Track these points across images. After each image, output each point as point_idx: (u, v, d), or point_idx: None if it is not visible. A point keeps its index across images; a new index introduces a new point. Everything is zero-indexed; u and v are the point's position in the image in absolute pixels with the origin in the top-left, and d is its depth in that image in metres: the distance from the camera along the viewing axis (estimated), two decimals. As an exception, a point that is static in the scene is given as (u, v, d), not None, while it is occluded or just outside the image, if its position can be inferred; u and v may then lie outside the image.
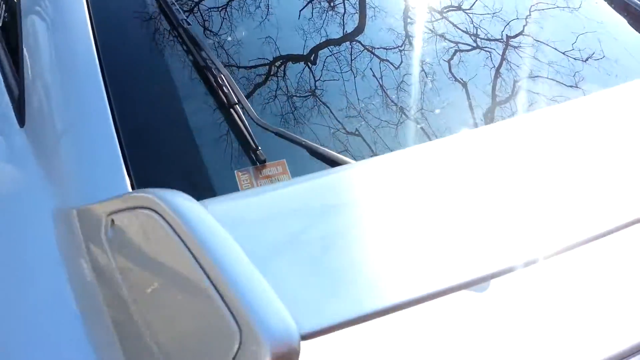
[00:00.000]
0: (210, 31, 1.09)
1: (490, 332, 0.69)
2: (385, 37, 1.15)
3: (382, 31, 1.16)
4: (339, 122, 0.99)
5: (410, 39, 1.15)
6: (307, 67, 1.09)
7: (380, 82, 1.06)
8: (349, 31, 1.16)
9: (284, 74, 1.06)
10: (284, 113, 0.99)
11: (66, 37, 1.00)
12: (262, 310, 0.46)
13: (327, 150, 0.88)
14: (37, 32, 1.04)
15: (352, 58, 1.10)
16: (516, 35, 1.17)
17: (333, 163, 0.85)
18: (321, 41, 1.13)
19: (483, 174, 0.74)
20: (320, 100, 1.03)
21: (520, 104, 1.07)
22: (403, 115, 1.02)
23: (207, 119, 0.94)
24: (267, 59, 1.08)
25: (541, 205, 0.68)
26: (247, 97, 0.96)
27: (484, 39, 1.17)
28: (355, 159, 0.89)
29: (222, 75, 0.94)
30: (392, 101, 1.04)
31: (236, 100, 0.91)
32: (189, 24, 1.01)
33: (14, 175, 0.91)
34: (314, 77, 1.07)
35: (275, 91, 1.02)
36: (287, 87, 1.03)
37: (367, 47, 1.12)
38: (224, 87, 0.93)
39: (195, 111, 0.94)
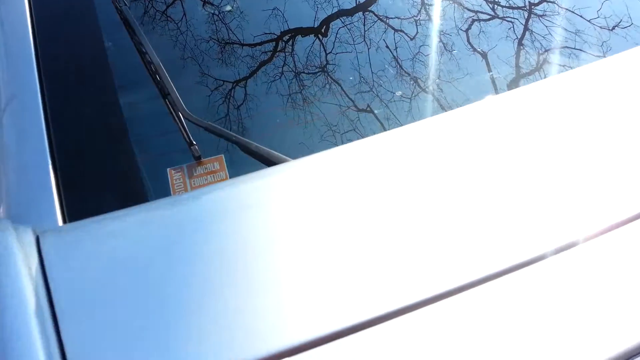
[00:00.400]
0: (148, 16, 1.03)
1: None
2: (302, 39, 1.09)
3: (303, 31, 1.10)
4: (279, 117, 0.93)
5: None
6: (252, 58, 1.02)
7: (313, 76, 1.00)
8: (290, 23, 1.09)
9: (226, 65, 1.00)
10: (219, 107, 0.93)
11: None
12: None
13: (260, 146, 0.78)
14: None
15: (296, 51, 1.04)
16: (539, 3, 1.12)
17: (266, 161, 0.77)
18: (262, 32, 1.07)
19: (446, 168, 0.67)
20: (260, 95, 0.96)
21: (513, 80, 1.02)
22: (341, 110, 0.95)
23: (139, 113, 0.88)
24: (208, 46, 1.01)
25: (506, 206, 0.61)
26: (182, 89, 0.88)
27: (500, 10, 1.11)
28: (291, 156, 0.79)
29: (154, 65, 0.86)
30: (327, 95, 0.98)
31: (167, 92, 0.83)
32: (125, 4, 0.94)
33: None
34: (256, 69, 1.00)
35: (212, 84, 0.96)
36: (227, 79, 0.97)
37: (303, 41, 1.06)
38: (156, 77, 0.85)
39: (127, 104, 0.87)
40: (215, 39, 1.06)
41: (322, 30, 1.11)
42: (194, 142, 0.80)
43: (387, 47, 1.04)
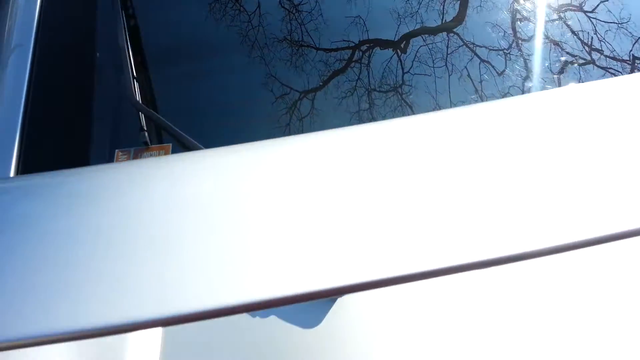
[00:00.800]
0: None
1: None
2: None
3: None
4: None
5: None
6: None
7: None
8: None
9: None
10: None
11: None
12: None
13: (197, 145, 0.79)
14: None
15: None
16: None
17: None
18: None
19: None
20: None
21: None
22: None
23: (108, 93, 0.91)
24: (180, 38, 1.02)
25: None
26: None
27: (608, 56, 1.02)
28: None
29: (120, 49, 0.88)
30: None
31: (126, 77, 0.85)
32: None
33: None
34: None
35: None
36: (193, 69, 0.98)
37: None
38: (125, 61, 0.87)
39: (99, 83, 0.92)
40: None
41: (402, 46, 1.04)
42: (145, 128, 0.82)
43: (469, 76, 0.97)
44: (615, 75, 0.97)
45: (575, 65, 0.98)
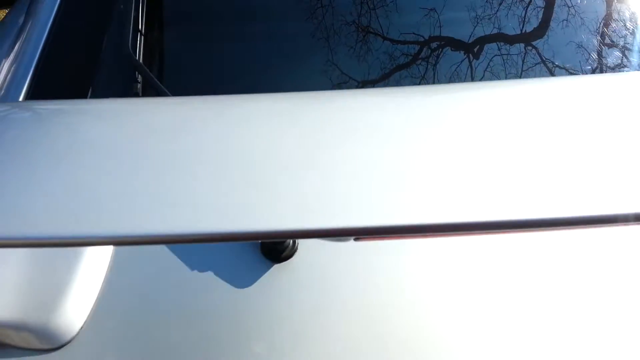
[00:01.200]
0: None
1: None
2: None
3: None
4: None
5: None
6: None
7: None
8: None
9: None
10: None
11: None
12: None
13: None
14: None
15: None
16: None
17: None
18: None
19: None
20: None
21: None
22: None
23: (106, 44, 0.95)
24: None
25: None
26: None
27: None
28: None
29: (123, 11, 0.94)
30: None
31: (127, 31, 0.91)
32: None
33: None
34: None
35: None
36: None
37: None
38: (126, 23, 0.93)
39: (101, 33, 0.96)
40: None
41: (474, 50, 0.96)
42: (138, 80, 0.89)
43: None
44: None
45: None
